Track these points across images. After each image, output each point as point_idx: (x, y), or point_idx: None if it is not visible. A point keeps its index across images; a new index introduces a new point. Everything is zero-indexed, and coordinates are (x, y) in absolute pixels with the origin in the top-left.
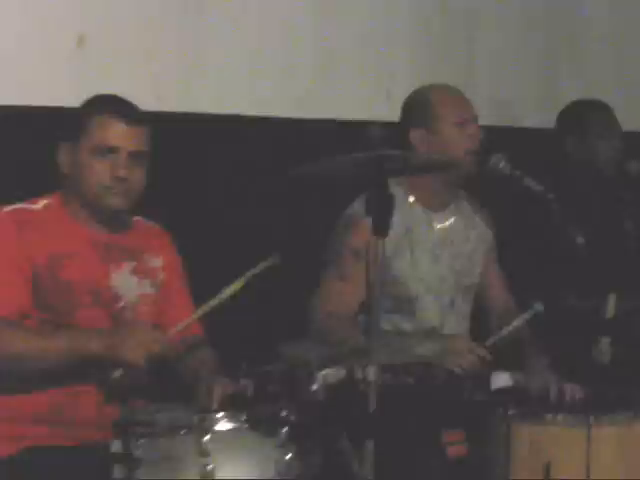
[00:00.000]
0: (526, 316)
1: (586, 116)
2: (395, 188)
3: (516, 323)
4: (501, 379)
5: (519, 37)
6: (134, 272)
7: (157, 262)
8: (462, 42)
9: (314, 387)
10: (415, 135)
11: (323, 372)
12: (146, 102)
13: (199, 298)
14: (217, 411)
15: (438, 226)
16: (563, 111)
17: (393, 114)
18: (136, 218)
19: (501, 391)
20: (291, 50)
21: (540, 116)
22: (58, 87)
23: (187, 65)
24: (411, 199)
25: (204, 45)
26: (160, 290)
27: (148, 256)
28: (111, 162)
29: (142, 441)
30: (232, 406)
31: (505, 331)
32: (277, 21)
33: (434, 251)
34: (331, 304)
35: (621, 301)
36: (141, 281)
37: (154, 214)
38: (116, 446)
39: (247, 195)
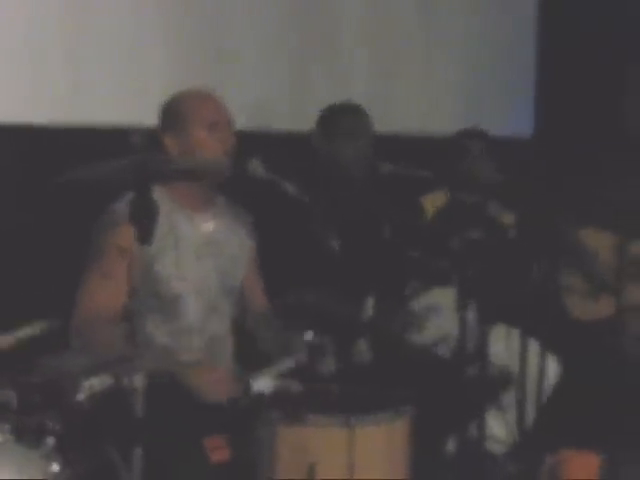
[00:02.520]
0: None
1: (334, 119)
2: (158, 189)
3: (283, 364)
4: (261, 382)
5: (272, 39)
6: None
7: None
8: (212, 45)
9: (79, 396)
10: (169, 140)
11: (88, 381)
12: None
13: None
14: None
15: (202, 227)
16: (318, 115)
17: (149, 119)
18: None
19: (262, 394)
20: (42, 51)
21: (295, 119)
22: None
23: None
24: (174, 201)
25: None
26: None
27: None
28: None
29: None
30: None
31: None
32: (26, 22)
33: (198, 251)
34: (93, 302)
35: (379, 303)
36: None
37: None
38: None
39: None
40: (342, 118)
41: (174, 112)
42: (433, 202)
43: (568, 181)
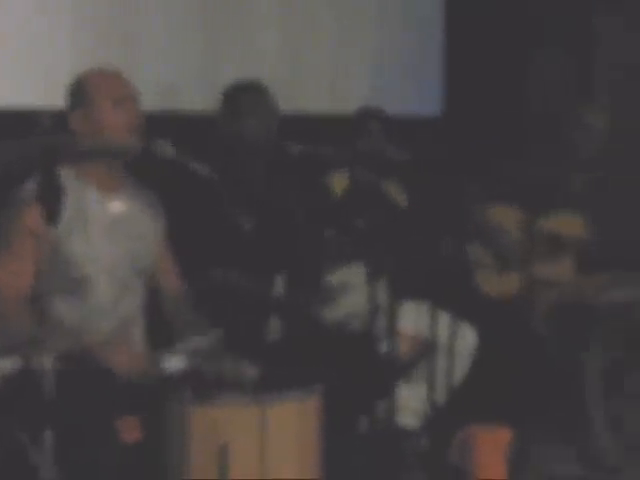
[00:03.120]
0: (205, 339)
1: (237, 97)
2: (66, 170)
3: (194, 343)
4: (172, 361)
5: (181, 19)
6: None
7: None
8: (120, 26)
9: None
10: (75, 118)
11: None
12: None
13: None
14: None
15: (111, 208)
16: (222, 94)
17: (52, 101)
18: None
19: (175, 374)
20: None
21: (205, 100)
22: None
23: None
24: (83, 183)
25: None
26: None
27: None
28: None
29: None
30: None
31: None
32: None
33: (108, 232)
34: (2, 283)
35: (290, 281)
36: None
37: None
38: None
39: None
40: (244, 95)
41: (80, 90)
42: (339, 182)
43: (476, 160)
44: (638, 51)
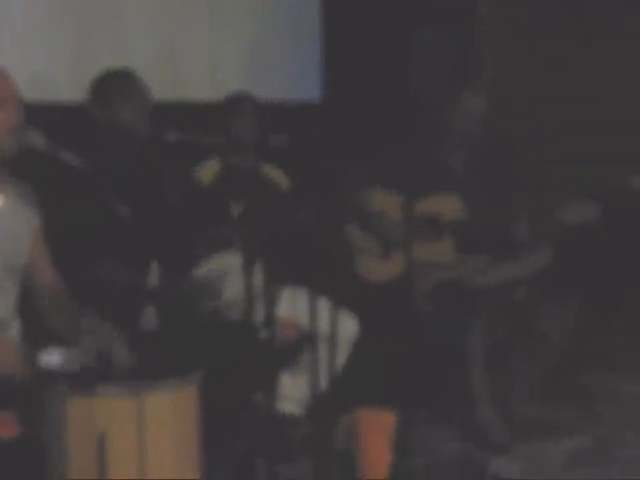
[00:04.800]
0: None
1: (107, 84)
2: None
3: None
4: (51, 356)
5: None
6: None
7: None
8: None
9: None
10: None
11: None
12: None
13: None
14: None
15: None
16: (92, 82)
17: None
18: None
19: (51, 366)
20: None
21: (77, 90)
22: None
23: None
24: None
25: None
26: None
27: None
28: None
29: None
30: None
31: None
32: None
33: None
34: None
35: (165, 270)
36: None
37: None
38: None
39: None
40: (114, 82)
41: None
42: (209, 171)
43: (355, 144)
44: (520, 32)
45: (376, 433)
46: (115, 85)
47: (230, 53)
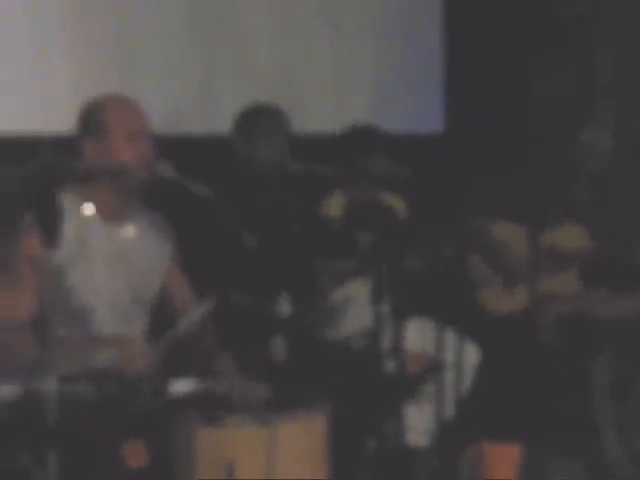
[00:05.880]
0: (198, 311)
1: (252, 118)
2: (71, 198)
3: (188, 320)
4: (182, 385)
5: (179, 43)
6: None
7: None
8: (118, 50)
9: None
10: (88, 147)
11: None
12: None
13: None
14: None
15: (114, 238)
16: (236, 116)
17: (55, 126)
18: None
19: (181, 396)
20: None
21: (204, 123)
22: None
23: None
24: (88, 210)
25: None
26: None
27: None
28: None
29: None
30: None
31: (178, 329)
32: None
33: (110, 263)
34: (2, 313)
35: (294, 299)
36: None
37: None
38: None
39: None
40: (260, 118)
41: (94, 119)
42: (335, 203)
43: (478, 175)
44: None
45: (501, 466)
46: (258, 121)
47: (353, 85)
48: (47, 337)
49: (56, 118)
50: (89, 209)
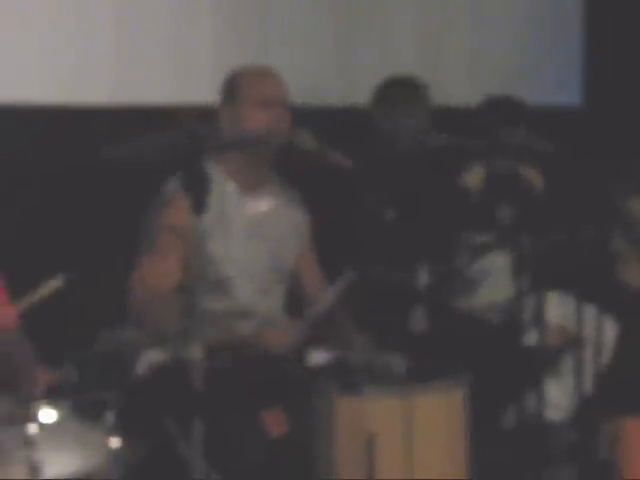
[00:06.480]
0: (339, 285)
1: (392, 93)
2: (212, 168)
3: (330, 293)
4: (320, 355)
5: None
6: None
7: None
8: (258, 22)
9: (139, 370)
10: (222, 115)
11: (147, 354)
12: None
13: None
14: (41, 400)
15: (253, 208)
16: (375, 89)
17: (196, 97)
18: None
19: (321, 366)
20: (90, 35)
21: (343, 95)
22: None
23: None
24: (226, 180)
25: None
26: None
27: None
28: None
29: None
30: (56, 394)
31: (321, 302)
32: (73, 8)
33: (248, 233)
34: (147, 278)
35: (433, 271)
36: None
37: None
38: None
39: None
40: (401, 92)
41: (230, 87)
42: (475, 176)
43: (619, 150)
44: None
45: None
46: (399, 95)
47: (490, 56)
48: (192, 306)
49: (198, 88)
50: (228, 179)
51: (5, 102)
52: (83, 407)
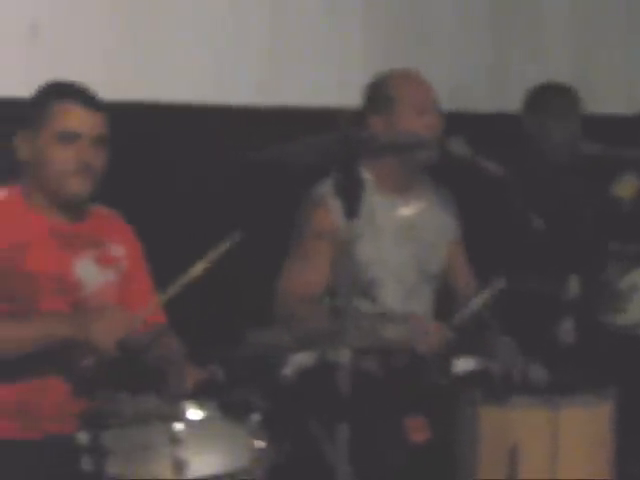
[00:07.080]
0: (488, 292)
1: (546, 99)
2: (363, 172)
3: (479, 299)
4: (465, 363)
5: (470, 18)
6: (97, 260)
7: (119, 250)
8: (411, 27)
9: (285, 371)
10: (375, 122)
11: (295, 356)
12: (100, 90)
13: (163, 284)
14: (188, 399)
15: (402, 211)
16: (527, 95)
17: (345, 100)
18: (95, 206)
19: (465, 375)
20: (245, 36)
21: (494, 101)
22: (11, 76)
23: (142, 52)
24: (376, 183)
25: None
26: (123, 278)
27: (110, 244)
28: (76, 148)
29: (111, 431)
30: (203, 393)
31: (469, 309)
32: (229, 6)
33: (397, 236)
34: (294, 285)
35: (582, 282)
36: (104, 269)
37: (114, 200)
38: (82, 437)
39: (208, 180)
40: (554, 99)
41: (383, 94)
42: (628, 186)
43: None
44: None
45: None
46: (552, 103)
47: None
48: (339, 309)
49: (350, 92)
50: (377, 182)
51: (180, 102)
52: (229, 407)
